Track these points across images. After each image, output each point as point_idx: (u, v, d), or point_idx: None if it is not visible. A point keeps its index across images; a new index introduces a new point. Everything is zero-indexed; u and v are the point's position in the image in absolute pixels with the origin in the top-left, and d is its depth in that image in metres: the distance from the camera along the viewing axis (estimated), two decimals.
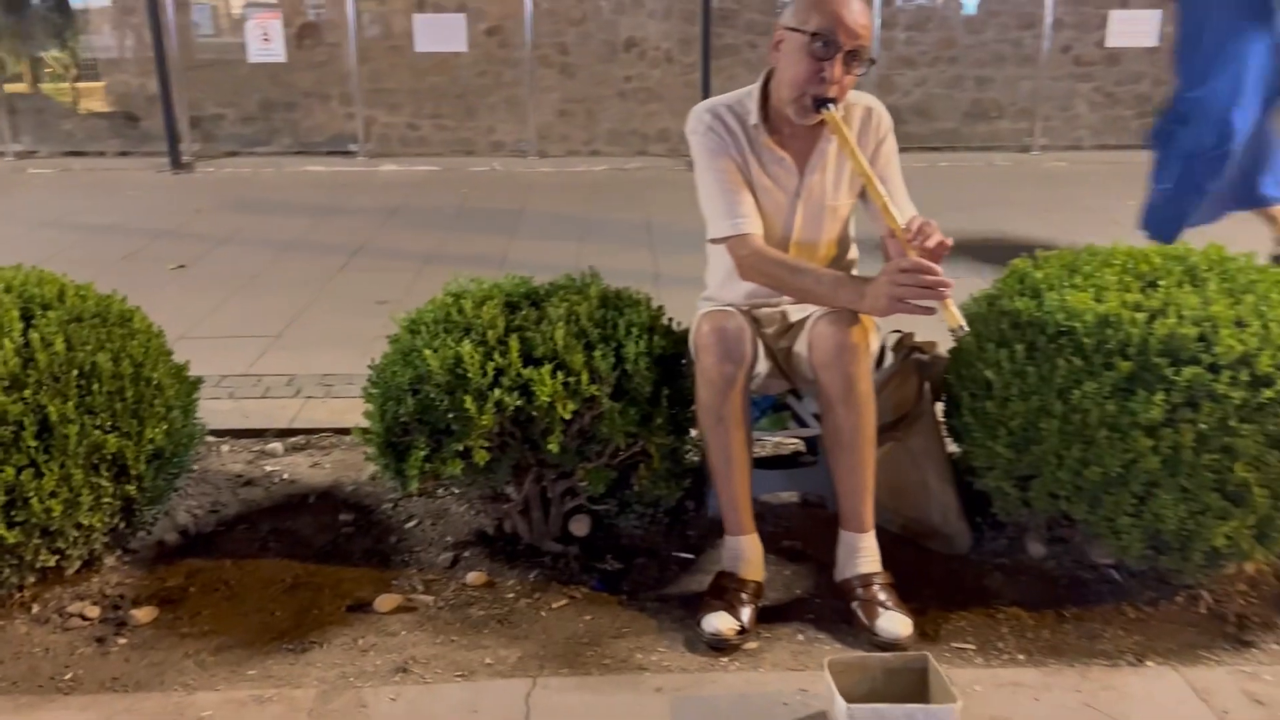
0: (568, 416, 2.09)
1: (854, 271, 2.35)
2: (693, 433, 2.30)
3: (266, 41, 7.15)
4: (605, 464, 2.22)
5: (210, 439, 2.81)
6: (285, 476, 2.73)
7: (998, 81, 10.79)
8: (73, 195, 6.51)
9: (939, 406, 2.40)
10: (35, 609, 2.12)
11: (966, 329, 1.99)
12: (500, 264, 4.75)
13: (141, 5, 10.63)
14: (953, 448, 2.38)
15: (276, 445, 2.89)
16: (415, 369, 2.15)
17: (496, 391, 2.06)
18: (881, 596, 2.06)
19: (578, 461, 2.21)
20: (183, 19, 7.55)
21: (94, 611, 2.11)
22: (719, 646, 2.00)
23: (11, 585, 2.08)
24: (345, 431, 2.94)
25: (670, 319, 2.34)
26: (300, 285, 4.44)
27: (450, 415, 2.10)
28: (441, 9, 10.35)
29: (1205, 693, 1.86)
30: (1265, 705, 1.83)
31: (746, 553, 2.14)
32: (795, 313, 2.30)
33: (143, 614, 2.10)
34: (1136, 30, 7.90)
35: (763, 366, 2.22)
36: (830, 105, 2.07)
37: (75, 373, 2.05)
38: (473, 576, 2.25)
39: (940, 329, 2.26)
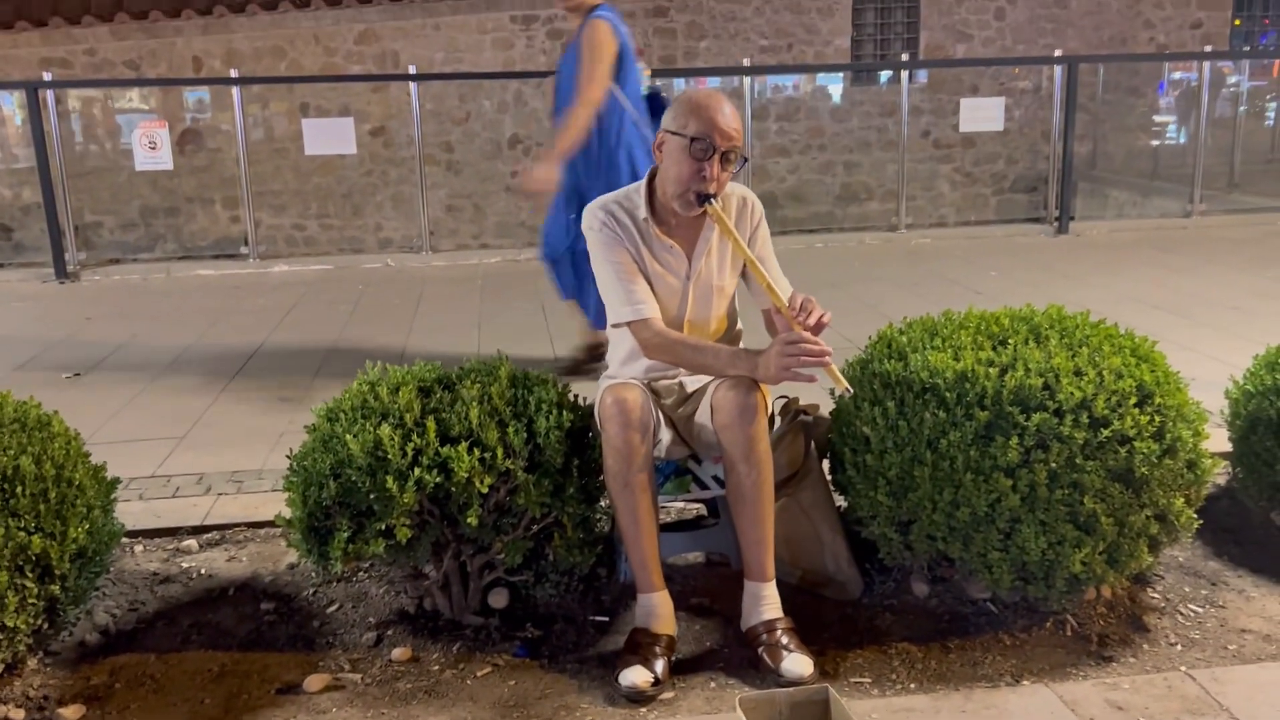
0: (485, 490, 2.23)
1: (741, 343, 2.57)
2: (603, 502, 2.46)
3: (153, 149, 7.17)
4: (521, 535, 2.35)
5: (124, 540, 2.82)
6: (203, 572, 2.77)
7: (865, 166, 11.51)
8: None
9: (825, 463, 2.62)
10: None
11: (851, 390, 2.25)
12: (401, 356, 4.86)
13: (10, 115, 10.52)
14: (840, 500, 2.59)
15: (191, 542, 2.92)
16: (336, 454, 2.26)
17: (416, 470, 2.19)
18: (785, 640, 2.23)
19: (495, 535, 2.34)
20: (64, 129, 7.51)
21: (19, 714, 2.12)
22: (637, 699, 2.13)
23: None
24: (260, 525, 3.00)
25: (576, 395, 2.51)
26: (201, 386, 4.46)
27: (372, 496, 2.21)
28: (325, 112, 10.54)
29: (1074, 704, 2.08)
30: (1125, 710, 2.05)
31: (658, 608, 2.30)
32: (692, 383, 2.51)
33: (70, 713, 2.12)
34: (985, 116, 8.58)
35: (665, 434, 2.41)
36: (711, 199, 2.31)
37: None
38: (398, 652, 2.33)
39: (821, 393, 2.50)
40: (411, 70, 8.21)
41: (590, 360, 4.48)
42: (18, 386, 2.47)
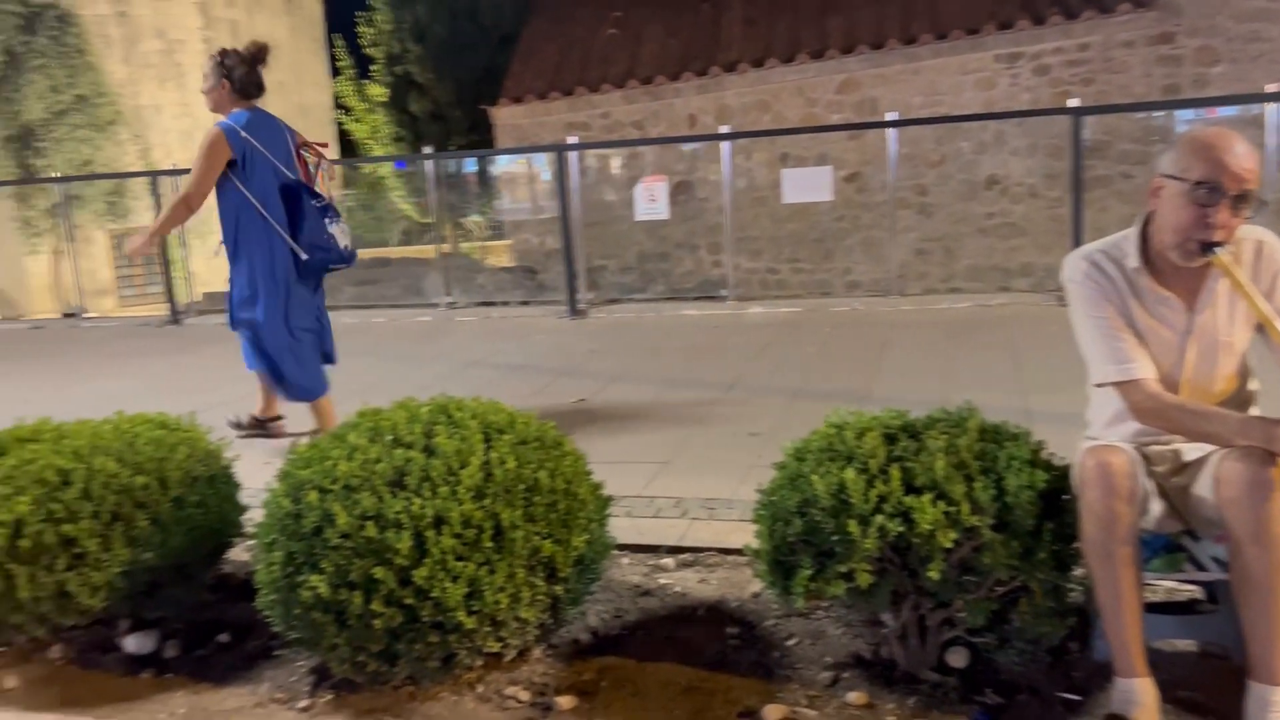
0: (948, 545, 2.18)
1: (1255, 406, 2.27)
2: (1078, 571, 2.30)
3: (653, 201, 7.99)
4: (985, 596, 2.27)
5: (614, 552, 3.16)
6: (677, 590, 3.01)
7: None
8: (492, 339, 7.55)
9: None
10: (479, 689, 2.50)
11: None
12: (864, 399, 4.90)
13: (537, 173, 12.29)
14: None
15: (668, 561, 3.19)
16: (802, 493, 2.35)
17: (879, 517, 2.20)
18: None
19: (956, 592, 2.28)
20: (581, 184, 8.62)
21: (525, 695, 2.46)
22: None
23: (464, 666, 2.48)
24: (729, 551, 3.19)
25: (1051, 454, 2.38)
26: (684, 417, 4.86)
27: (834, 538, 2.27)
28: (803, 160, 10.99)
29: None
30: None
31: (1139, 697, 2.09)
32: (1190, 452, 2.26)
33: (565, 701, 2.41)
34: None
35: (1156, 505, 2.20)
36: (1218, 249, 2.08)
37: (522, 487, 2.46)
38: (854, 696, 2.36)
39: None
40: (891, 116, 8.29)
41: (256, 429, 4.85)
42: (535, 408, 2.87)
